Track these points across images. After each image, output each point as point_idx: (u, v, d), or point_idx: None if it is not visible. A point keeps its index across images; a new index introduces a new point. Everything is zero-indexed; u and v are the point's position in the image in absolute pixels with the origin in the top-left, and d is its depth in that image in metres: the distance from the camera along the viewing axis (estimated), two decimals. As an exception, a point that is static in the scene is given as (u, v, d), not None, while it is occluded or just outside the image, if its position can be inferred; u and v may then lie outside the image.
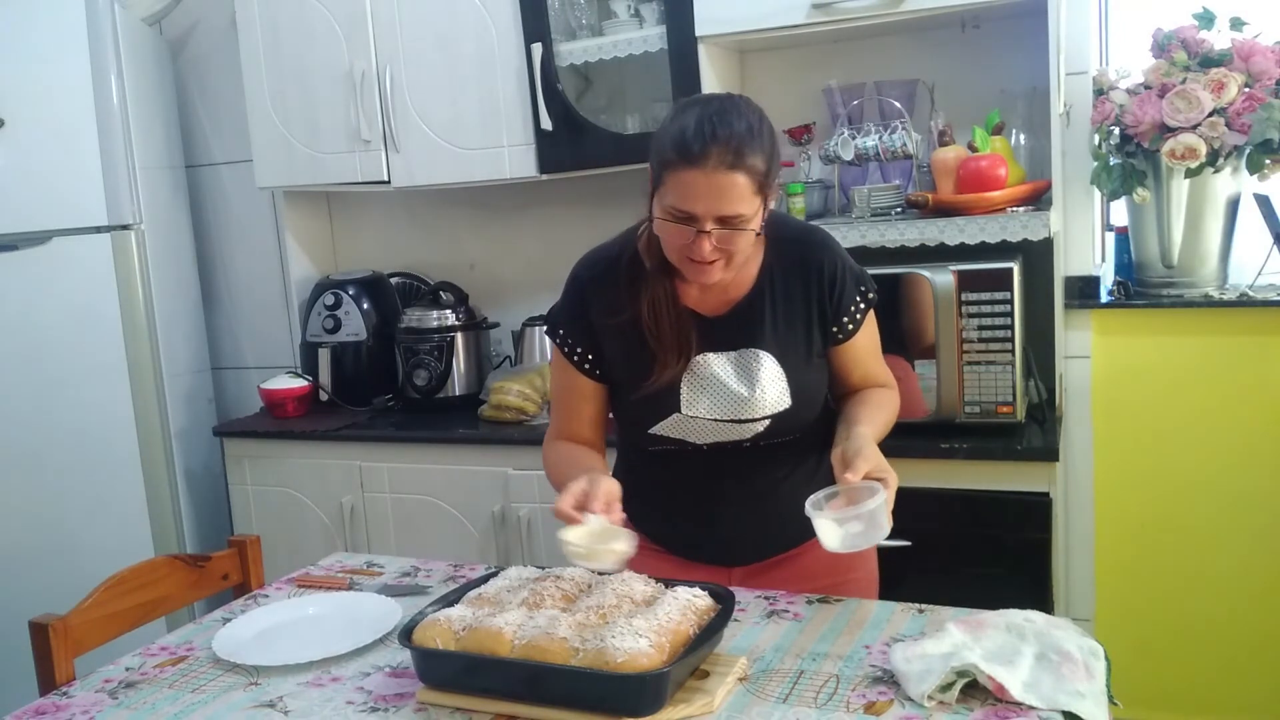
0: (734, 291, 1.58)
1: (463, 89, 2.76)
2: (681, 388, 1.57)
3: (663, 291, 1.55)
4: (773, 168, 1.44)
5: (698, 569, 1.68)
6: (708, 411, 1.57)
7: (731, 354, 1.57)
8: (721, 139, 1.38)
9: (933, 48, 2.55)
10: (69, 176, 2.93)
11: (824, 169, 2.59)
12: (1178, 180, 2.37)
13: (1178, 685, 2.57)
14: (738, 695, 1.30)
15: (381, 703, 1.35)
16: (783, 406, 1.57)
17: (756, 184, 1.41)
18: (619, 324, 1.58)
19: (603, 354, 1.63)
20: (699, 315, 1.58)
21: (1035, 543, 2.18)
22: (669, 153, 1.41)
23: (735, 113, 1.41)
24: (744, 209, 1.41)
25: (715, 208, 1.40)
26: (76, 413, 2.97)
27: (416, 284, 3.27)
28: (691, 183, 1.39)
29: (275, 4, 2.93)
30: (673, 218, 1.43)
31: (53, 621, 1.54)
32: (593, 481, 1.45)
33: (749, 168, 1.39)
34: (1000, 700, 1.22)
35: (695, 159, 1.38)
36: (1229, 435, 2.46)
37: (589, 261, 1.65)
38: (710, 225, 1.41)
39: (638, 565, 1.71)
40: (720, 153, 1.37)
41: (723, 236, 1.42)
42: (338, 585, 1.78)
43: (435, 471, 2.74)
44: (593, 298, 1.61)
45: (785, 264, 1.58)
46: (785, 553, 1.68)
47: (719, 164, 1.37)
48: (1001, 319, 2.20)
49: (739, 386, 1.56)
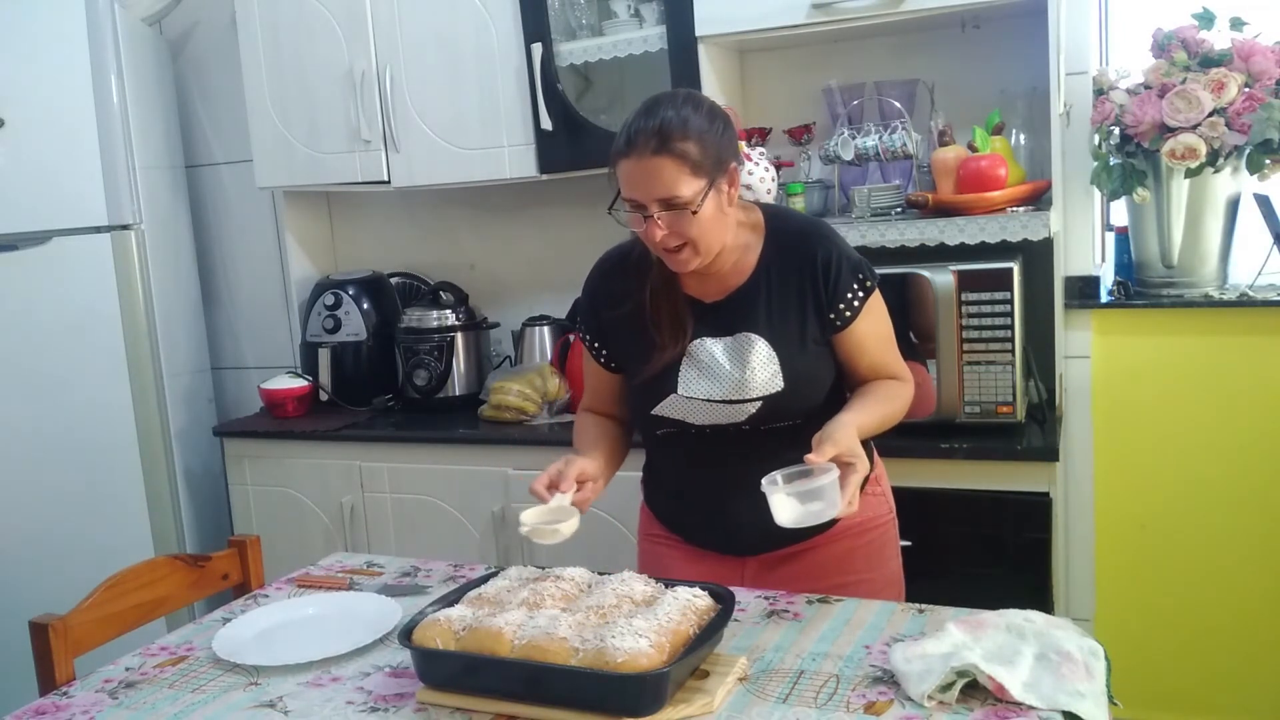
0: (733, 280, 1.65)
1: (463, 89, 2.76)
2: (680, 370, 1.64)
3: (664, 280, 1.66)
4: (710, 152, 1.52)
5: (710, 559, 1.72)
6: (703, 392, 1.63)
7: (727, 339, 1.64)
8: (647, 129, 1.51)
9: (933, 48, 2.55)
10: (69, 176, 2.93)
11: (824, 169, 2.59)
12: (1178, 180, 2.37)
13: (1178, 685, 2.57)
14: (738, 695, 1.30)
15: (381, 703, 1.35)
16: (775, 389, 1.61)
17: (689, 167, 1.50)
18: (624, 313, 1.69)
19: (611, 346, 1.75)
20: (699, 302, 1.67)
21: (1035, 543, 2.18)
22: (613, 149, 1.56)
23: (668, 104, 1.54)
24: (681, 190, 1.50)
25: (650, 191, 1.51)
26: (76, 413, 2.97)
27: (416, 284, 3.27)
28: (628, 171, 1.53)
29: (275, 4, 2.93)
30: (628, 207, 1.56)
31: (53, 621, 1.54)
32: (568, 462, 1.60)
33: (675, 152, 1.50)
34: (1000, 700, 1.22)
35: (626, 150, 1.52)
36: (1229, 435, 2.46)
37: (603, 256, 1.78)
38: (655, 210, 1.52)
39: (655, 557, 1.75)
40: (645, 141, 1.50)
41: (668, 220, 1.52)
42: (338, 585, 1.78)
43: (435, 471, 2.74)
44: (602, 291, 1.75)
45: (783, 254, 1.65)
46: (797, 545, 1.69)
47: (644, 150, 1.50)
48: (1001, 319, 2.20)
49: (732, 368, 1.62)
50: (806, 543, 1.69)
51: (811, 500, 1.43)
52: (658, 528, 1.79)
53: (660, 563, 1.76)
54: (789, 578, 1.67)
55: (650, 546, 1.81)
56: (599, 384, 1.81)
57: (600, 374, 1.79)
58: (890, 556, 1.77)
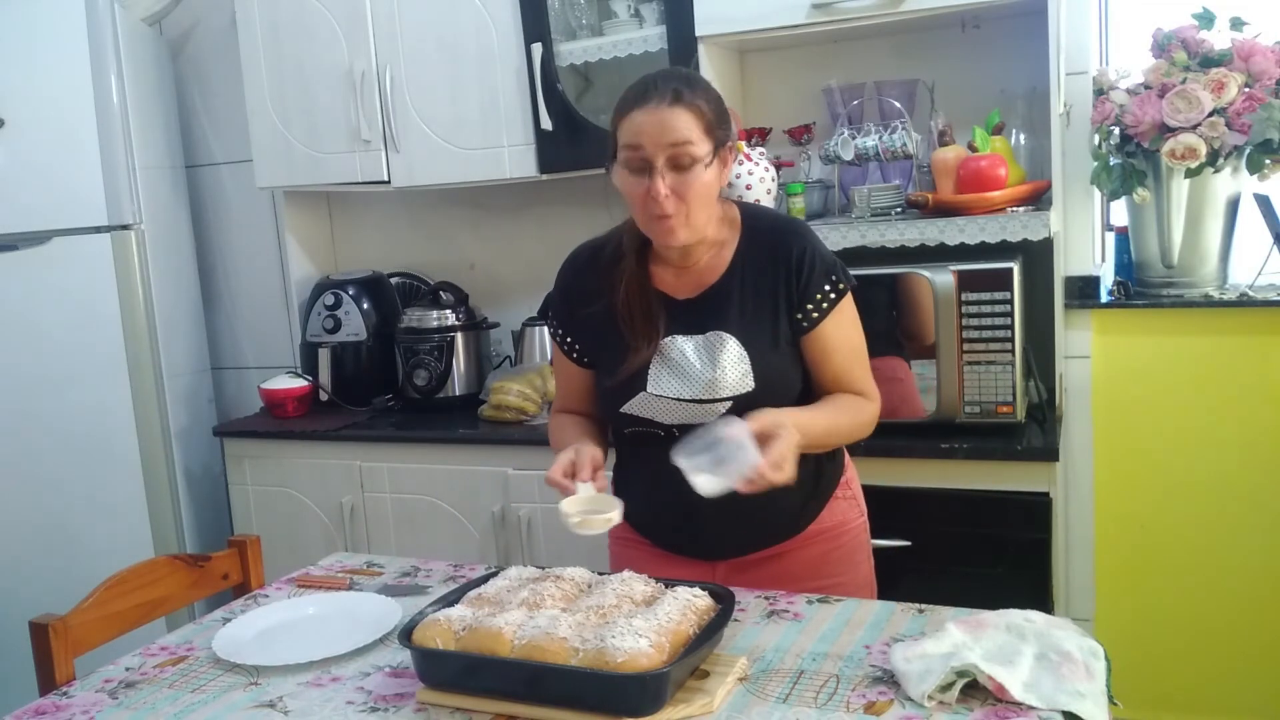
0: (707, 276, 1.63)
1: (463, 89, 2.76)
2: (650, 367, 1.62)
3: (636, 275, 1.64)
4: (719, 117, 1.55)
5: (680, 563, 1.70)
6: (673, 391, 1.60)
7: (699, 337, 1.61)
8: (662, 83, 1.53)
9: (933, 48, 2.55)
10: (69, 176, 2.93)
11: (824, 169, 2.59)
12: (1178, 180, 2.37)
13: (1178, 685, 2.57)
14: (738, 695, 1.30)
15: (381, 703, 1.35)
16: (745, 389, 1.59)
17: (703, 124, 1.51)
18: (596, 310, 1.67)
19: (583, 341, 1.72)
20: (671, 299, 1.64)
21: (1035, 543, 2.18)
22: (621, 106, 1.55)
23: (677, 73, 1.58)
24: (693, 139, 1.50)
25: (663, 137, 1.50)
26: (76, 412, 2.97)
27: (416, 284, 3.27)
28: (639, 120, 1.51)
29: (275, 4, 2.93)
30: (628, 166, 1.53)
31: (53, 621, 1.54)
32: (578, 451, 1.57)
33: (690, 104, 1.51)
34: (1000, 700, 1.22)
35: (640, 100, 1.52)
36: (1229, 435, 2.46)
37: (575, 252, 1.76)
38: (661, 162, 1.50)
39: (625, 560, 1.72)
40: (661, 93, 1.51)
41: (676, 181, 1.51)
42: (338, 585, 1.78)
43: (435, 471, 2.74)
44: (574, 287, 1.72)
45: (757, 250, 1.63)
46: (768, 549, 1.68)
47: (660, 101, 1.50)
48: (1001, 319, 2.20)
49: (703, 368, 1.59)
50: (777, 547, 1.68)
51: (725, 462, 1.40)
52: (628, 530, 1.74)
53: (630, 566, 1.71)
54: (760, 582, 1.65)
55: (621, 549, 1.78)
56: (573, 382, 1.77)
57: (574, 371, 1.76)
58: (862, 560, 1.76)
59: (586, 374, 1.75)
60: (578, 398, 1.78)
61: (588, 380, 1.75)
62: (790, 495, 1.62)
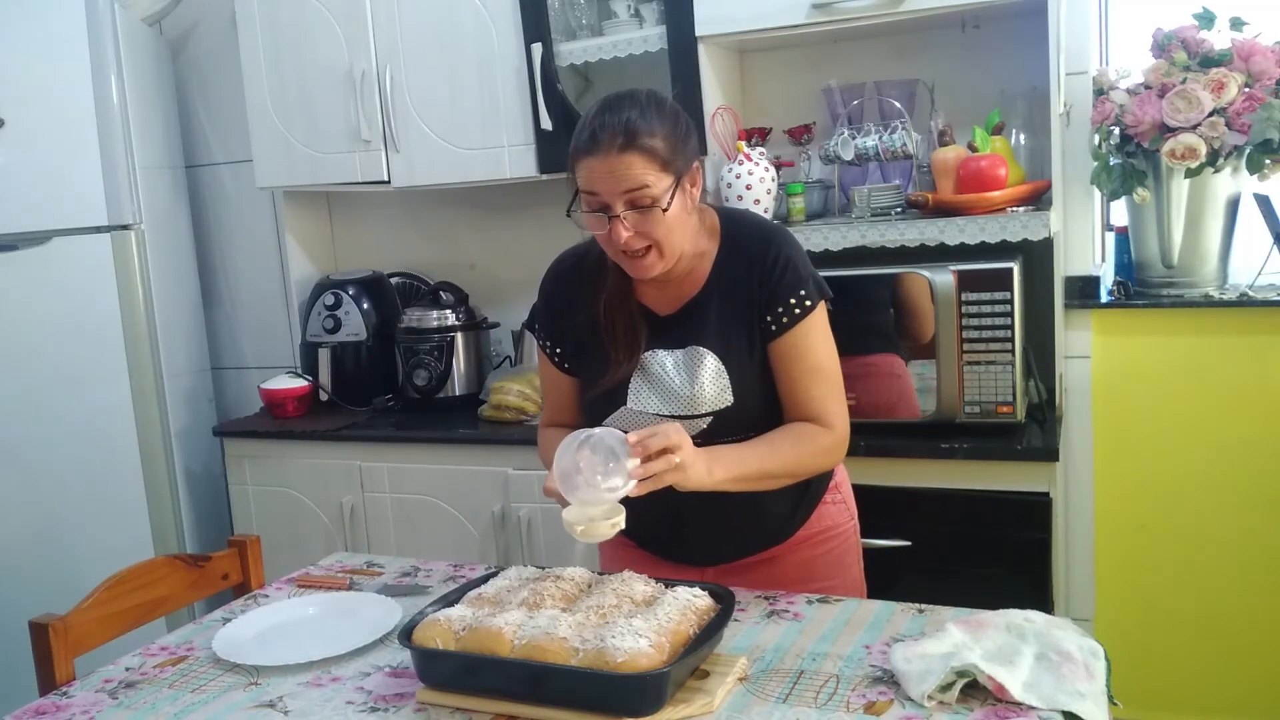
0: (687, 289, 1.62)
1: (463, 89, 2.76)
2: (630, 383, 1.60)
3: (618, 289, 1.62)
4: (677, 148, 1.50)
5: (667, 568, 1.68)
6: (653, 407, 1.59)
7: (679, 351, 1.59)
8: (613, 125, 1.47)
9: (933, 48, 2.55)
10: (69, 176, 2.93)
11: (824, 169, 2.59)
12: (1178, 180, 2.37)
13: (1178, 685, 2.57)
14: (738, 695, 1.30)
15: (381, 703, 1.35)
16: (724, 404, 1.57)
17: (658, 163, 1.47)
18: (580, 320, 1.65)
19: (567, 350, 1.70)
20: (653, 314, 1.63)
21: (1035, 543, 2.18)
22: (573, 150, 1.51)
23: (628, 102, 1.50)
24: (648, 181, 1.46)
25: (616, 186, 1.47)
26: (76, 413, 2.97)
27: (416, 284, 3.27)
28: (592, 166, 1.48)
29: (275, 4, 2.93)
30: (589, 208, 1.51)
31: (53, 621, 1.54)
32: None
33: (641, 147, 1.46)
34: (1000, 700, 1.22)
35: (590, 148, 1.47)
36: (1229, 435, 2.46)
37: (558, 259, 1.74)
38: (620, 208, 1.48)
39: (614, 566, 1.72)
40: (611, 137, 1.46)
41: (635, 220, 1.48)
42: (338, 585, 1.78)
43: (435, 471, 2.74)
44: (556, 296, 1.70)
45: (735, 260, 1.60)
46: (755, 555, 1.68)
47: (610, 147, 1.46)
48: (1001, 319, 2.20)
49: (683, 383, 1.58)
50: (767, 552, 1.68)
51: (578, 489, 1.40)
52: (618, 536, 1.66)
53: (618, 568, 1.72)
54: (750, 587, 1.63)
55: (611, 554, 1.78)
56: (561, 392, 1.74)
57: (561, 382, 1.73)
58: (852, 564, 1.75)
59: (574, 382, 1.72)
60: (567, 409, 1.74)
61: (575, 389, 1.72)
62: (779, 501, 1.63)
